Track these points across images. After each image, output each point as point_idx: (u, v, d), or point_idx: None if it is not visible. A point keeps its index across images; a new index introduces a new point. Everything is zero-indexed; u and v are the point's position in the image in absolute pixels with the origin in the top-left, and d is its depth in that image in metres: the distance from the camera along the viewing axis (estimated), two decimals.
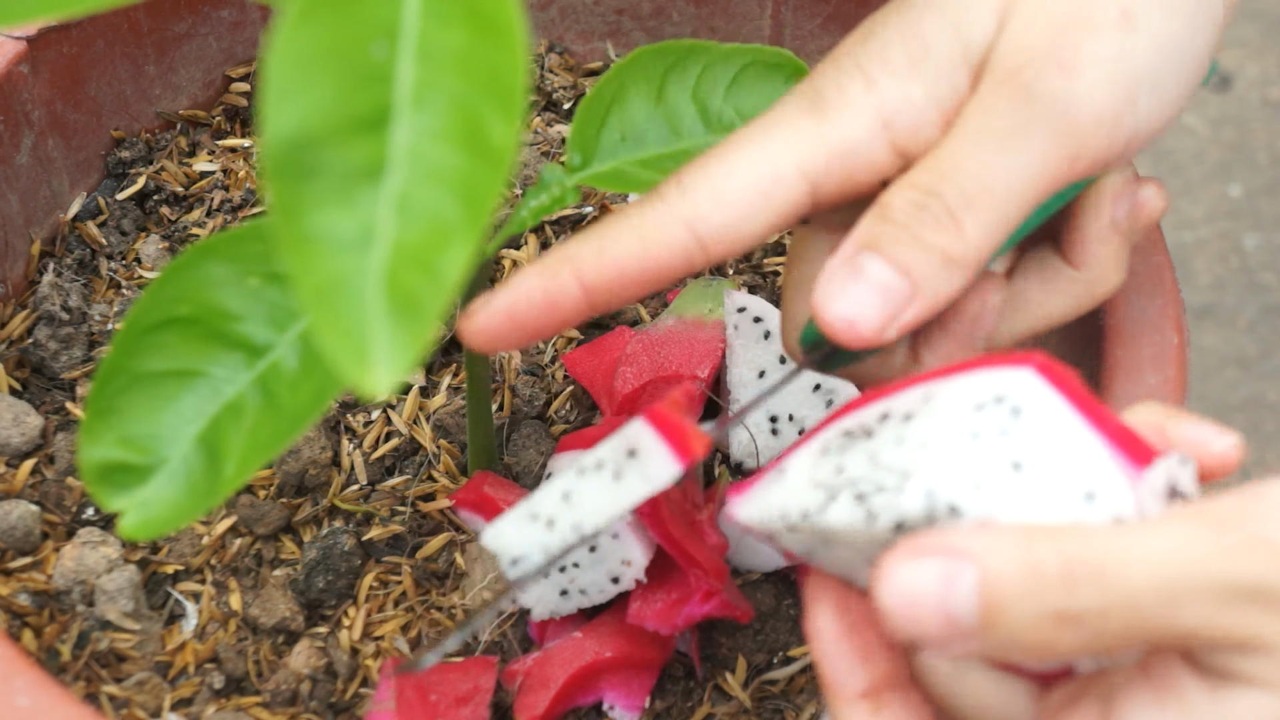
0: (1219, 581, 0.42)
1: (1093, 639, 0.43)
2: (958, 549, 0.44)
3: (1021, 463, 0.45)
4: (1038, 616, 0.43)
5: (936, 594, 0.44)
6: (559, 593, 0.63)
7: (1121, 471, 0.46)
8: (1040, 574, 0.43)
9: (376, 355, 0.36)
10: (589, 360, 0.71)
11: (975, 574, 0.43)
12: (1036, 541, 0.43)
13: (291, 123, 0.37)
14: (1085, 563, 0.43)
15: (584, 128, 0.59)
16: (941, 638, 0.44)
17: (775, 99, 0.61)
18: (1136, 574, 0.42)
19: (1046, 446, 0.46)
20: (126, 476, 0.51)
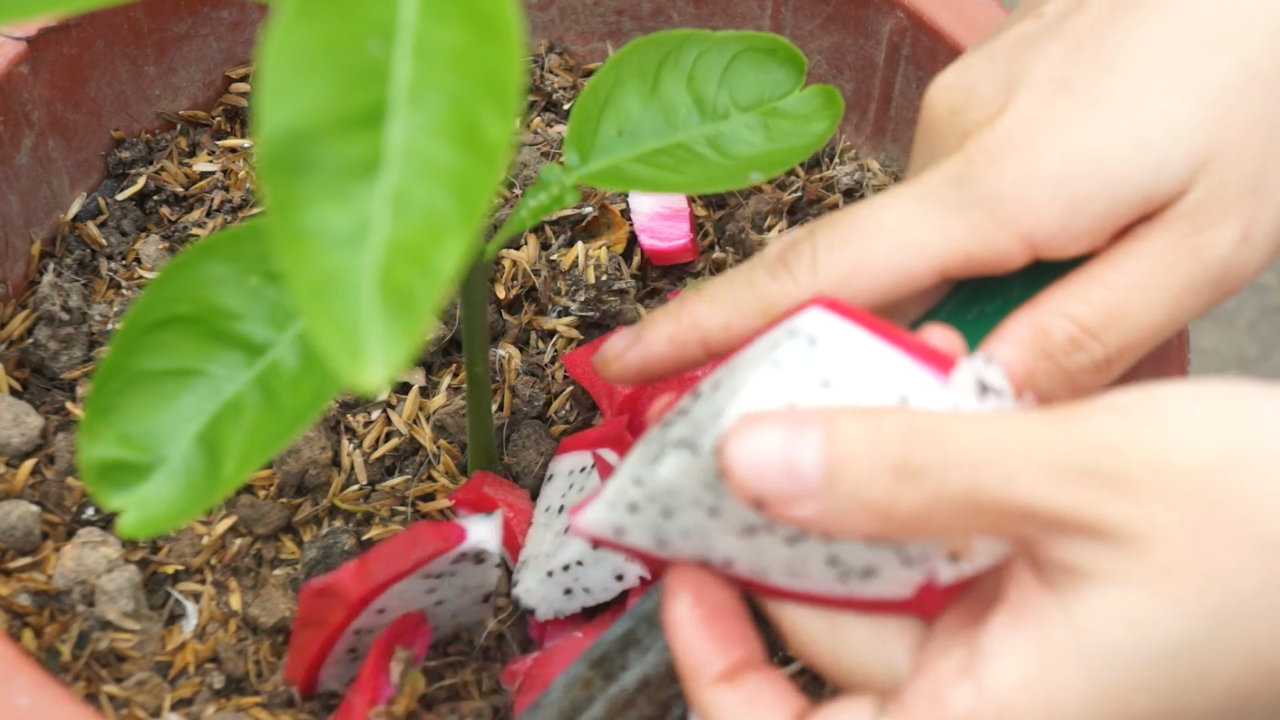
0: (1055, 457, 0.43)
1: (932, 499, 0.43)
2: (803, 416, 0.45)
3: (829, 379, 0.46)
4: (879, 469, 0.44)
5: (781, 451, 0.45)
6: (563, 592, 0.63)
7: (930, 375, 0.47)
8: (881, 431, 0.44)
9: (371, 351, 0.36)
10: (589, 361, 0.71)
11: (819, 432, 0.45)
12: (879, 411, 0.45)
13: (287, 119, 0.37)
14: (926, 424, 0.44)
15: (580, 125, 0.59)
16: (785, 495, 0.45)
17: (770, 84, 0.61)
18: (974, 439, 0.43)
19: (850, 363, 0.47)
20: (126, 475, 0.51)
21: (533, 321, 0.74)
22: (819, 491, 0.45)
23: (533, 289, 0.75)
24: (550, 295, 0.74)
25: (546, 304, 0.74)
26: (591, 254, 0.74)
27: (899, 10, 0.76)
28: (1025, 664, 0.44)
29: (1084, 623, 0.43)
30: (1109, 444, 0.43)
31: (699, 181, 0.59)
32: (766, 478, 0.45)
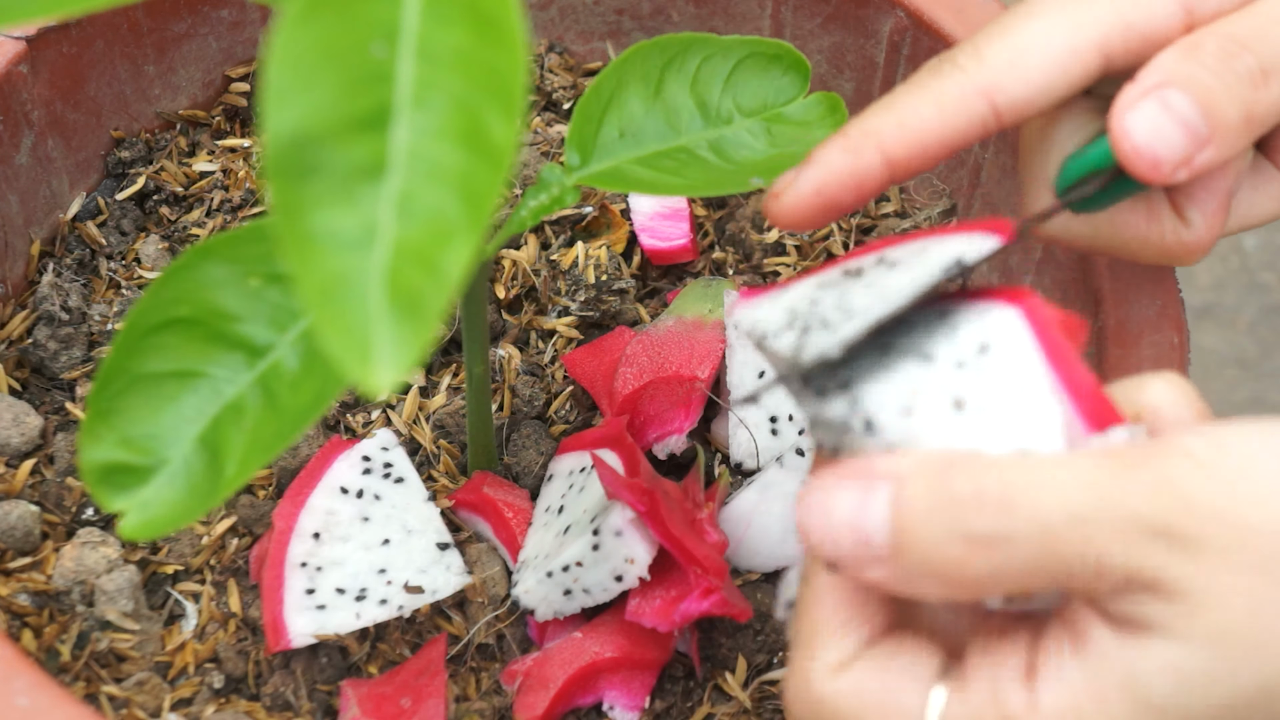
0: (1127, 515, 0.43)
1: (1001, 565, 0.43)
2: (877, 472, 0.45)
3: (965, 401, 0.46)
4: (947, 537, 0.44)
5: (851, 513, 0.45)
6: (563, 592, 0.63)
7: (1078, 425, 0.46)
8: (951, 495, 0.44)
9: (378, 354, 0.36)
10: (589, 361, 0.71)
11: (888, 494, 0.44)
12: (950, 467, 0.44)
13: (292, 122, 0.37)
14: (997, 486, 0.43)
15: (582, 126, 0.59)
16: (856, 558, 0.45)
17: (774, 91, 0.61)
18: (1045, 500, 0.43)
19: (996, 392, 0.46)
20: (127, 477, 0.50)
21: (533, 321, 0.74)
22: (888, 558, 0.45)
23: (533, 289, 0.75)
24: (550, 295, 0.74)
25: (546, 304, 0.74)
26: (591, 254, 0.74)
27: (899, 10, 0.76)
28: (1079, 694, 0.44)
29: (1140, 669, 0.44)
30: (1181, 499, 0.43)
31: (700, 184, 0.59)
32: (838, 544, 0.45)
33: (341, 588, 0.63)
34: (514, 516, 0.67)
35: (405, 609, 0.63)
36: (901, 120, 0.54)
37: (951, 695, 0.46)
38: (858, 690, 0.47)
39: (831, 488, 0.46)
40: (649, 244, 0.76)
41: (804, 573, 0.49)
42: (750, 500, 0.66)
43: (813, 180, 0.54)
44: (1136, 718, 0.44)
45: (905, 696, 0.46)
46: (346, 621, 0.63)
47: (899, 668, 0.47)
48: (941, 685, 0.46)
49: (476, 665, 0.65)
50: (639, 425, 0.69)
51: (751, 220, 0.78)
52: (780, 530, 0.66)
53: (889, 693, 0.46)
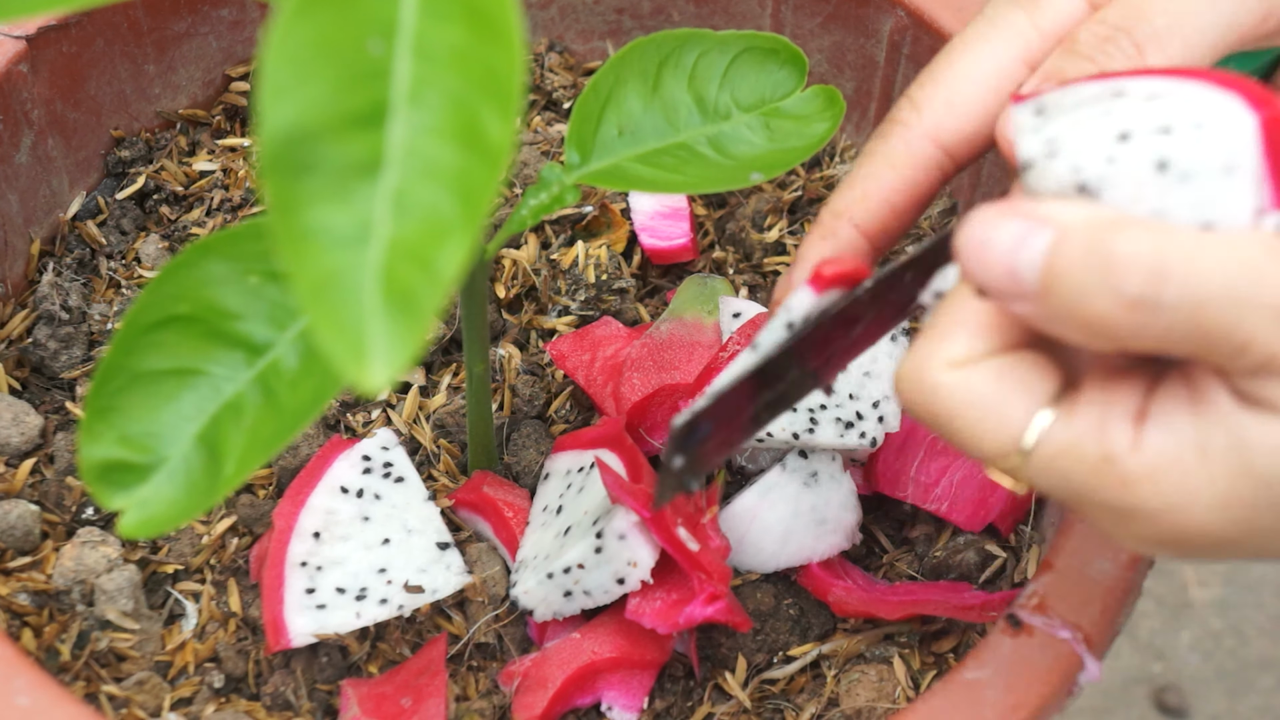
0: (1276, 300, 0.44)
1: (1145, 327, 0.45)
2: (1043, 216, 0.46)
3: (1168, 165, 0.46)
4: (1097, 292, 0.45)
5: (1008, 247, 0.46)
6: (563, 594, 0.63)
7: (1254, 218, 0.46)
8: (1109, 253, 0.45)
9: (373, 351, 0.36)
10: (574, 350, 0.71)
11: (1048, 240, 0.46)
12: (1116, 227, 0.45)
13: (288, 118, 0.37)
14: (1156, 253, 0.44)
15: (581, 125, 0.59)
16: (1004, 290, 0.47)
17: (771, 85, 0.61)
18: (1203, 275, 0.44)
19: (1202, 164, 0.46)
20: (126, 475, 0.50)
21: (533, 321, 0.74)
22: (1035, 297, 0.46)
23: (533, 288, 0.75)
24: (550, 294, 0.74)
25: (546, 303, 0.74)
26: (591, 253, 0.74)
27: (899, 9, 0.76)
28: (1185, 444, 0.46)
29: (1252, 437, 0.45)
30: None
31: (700, 181, 0.58)
32: (990, 272, 0.47)
33: (342, 587, 0.63)
34: (514, 516, 0.67)
35: (405, 608, 0.63)
36: (864, 191, 0.56)
37: (1058, 419, 0.47)
38: (968, 388, 0.48)
39: (995, 218, 0.47)
40: (649, 243, 0.76)
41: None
42: (751, 502, 0.66)
43: (804, 276, 0.55)
44: (1234, 480, 0.45)
45: (1012, 408, 0.48)
46: (346, 621, 0.63)
47: (1015, 379, 0.48)
48: (1050, 408, 0.48)
49: (476, 665, 0.65)
50: (646, 430, 0.69)
51: (752, 220, 0.78)
52: (781, 531, 0.66)
53: (998, 399, 0.48)
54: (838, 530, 0.66)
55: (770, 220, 0.78)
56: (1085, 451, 0.47)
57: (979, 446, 0.49)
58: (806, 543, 0.66)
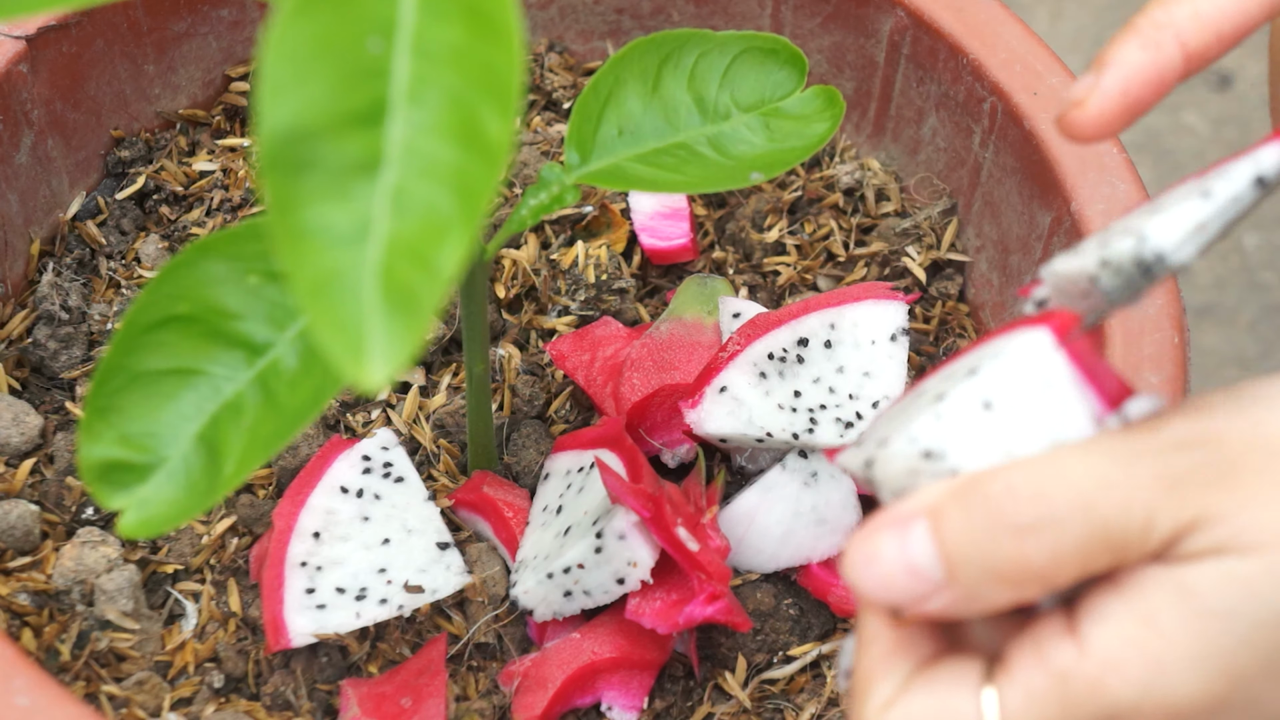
0: (1160, 469, 0.43)
1: (1056, 548, 0.44)
2: (902, 513, 0.45)
3: (992, 404, 0.46)
4: (994, 539, 0.44)
5: (896, 554, 0.45)
6: (563, 594, 0.63)
7: (1093, 422, 0.46)
8: (985, 502, 0.44)
9: (372, 349, 0.36)
10: (574, 350, 0.71)
11: (925, 525, 0.45)
12: (975, 481, 0.45)
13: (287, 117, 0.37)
14: (1024, 479, 0.44)
15: (580, 124, 0.59)
16: (914, 595, 0.45)
17: (771, 85, 0.61)
18: (1075, 477, 0.44)
19: (1021, 393, 0.46)
20: (126, 475, 0.50)
21: (533, 321, 0.74)
22: (946, 582, 0.45)
23: (533, 288, 0.75)
24: (550, 294, 0.74)
25: (546, 303, 0.74)
26: (591, 253, 0.74)
27: (899, 9, 0.76)
28: (1128, 623, 0.44)
29: (1193, 586, 0.43)
30: (1206, 437, 0.44)
31: (700, 181, 0.58)
32: (893, 587, 0.45)
33: (341, 587, 0.63)
34: (514, 516, 0.67)
35: (405, 608, 0.63)
36: (1197, 10, 0.51)
37: (1002, 688, 0.46)
38: (909, 715, 0.46)
39: (869, 538, 0.46)
40: (649, 243, 0.76)
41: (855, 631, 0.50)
42: (751, 501, 0.66)
43: (1117, 81, 0.51)
44: (1197, 632, 0.43)
45: (958, 704, 0.46)
46: (346, 621, 0.63)
47: (946, 681, 0.46)
48: (990, 686, 0.46)
49: (476, 665, 0.65)
50: (646, 430, 0.69)
51: (751, 220, 0.78)
52: (781, 532, 0.66)
53: (942, 707, 0.46)
54: (838, 530, 0.66)
55: (770, 220, 0.78)
56: (1041, 694, 0.45)
57: None
58: (806, 542, 0.66)
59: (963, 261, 0.77)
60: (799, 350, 0.68)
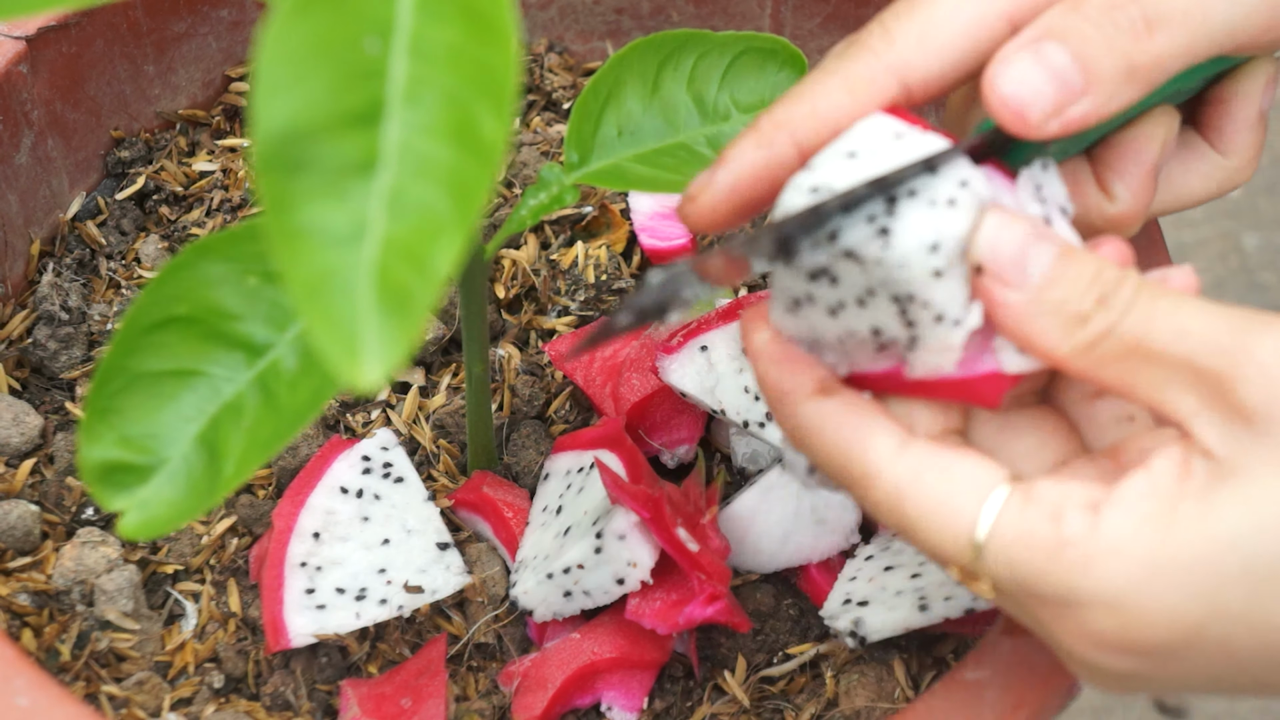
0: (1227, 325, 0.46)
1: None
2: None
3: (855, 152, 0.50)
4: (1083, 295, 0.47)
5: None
6: (562, 594, 0.63)
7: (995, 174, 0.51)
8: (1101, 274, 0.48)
9: (367, 349, 0.36)
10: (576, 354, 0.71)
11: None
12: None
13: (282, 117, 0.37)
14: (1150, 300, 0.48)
15: (580, 125, 0.59)
16: (1004, 273, 0.48)
17: (771, 86, 0.61)
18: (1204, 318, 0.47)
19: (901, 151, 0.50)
20: (126, 476, 0.50)
21: (532, 321, 0.74)
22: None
23: (532, 288, 0.75)
24: (550, 295, 0.74)
25: (546, 303, 0.74)
26: (591, 253, 0.74)
27: None
28: (1146, 519, 0.45)
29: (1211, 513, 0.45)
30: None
31: None
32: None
33: (341, 587, 0.63)
34: (514, 516, 0.67)
35: (405, 609, 0.63)
36: (814, 109, 0.52)
37: (1009, 507, 0.47)
38: (915, 477, 0.48)
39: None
40: (649, 243, 0.76)
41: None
42: (751, 502, 0.66)
43: (728, 180, 0.53)
44: (1201, 549, 0.45)
45: (962, 498, 0.48)
46: (346, 621, 0.63)
47: (961, 468, 0.48)
48: (1000, 496, 0.47)
49: (476, 665, 0.65)
50: (646, 430, 0.69)
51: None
52: (781, 532, 0.66)
53: (946, 488, 0.48)
54: (837, 530, 0.66)
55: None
56: (1040, 538, 0.46)
57: (931, 543, 0.48)
58: (806, 543, 0.66)
59: None
60: None
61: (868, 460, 0.49)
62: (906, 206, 0.48)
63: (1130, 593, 0.45)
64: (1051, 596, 0.46)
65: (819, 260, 0.49)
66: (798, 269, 0.50)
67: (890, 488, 0.49)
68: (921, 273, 0.48)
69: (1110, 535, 0.45)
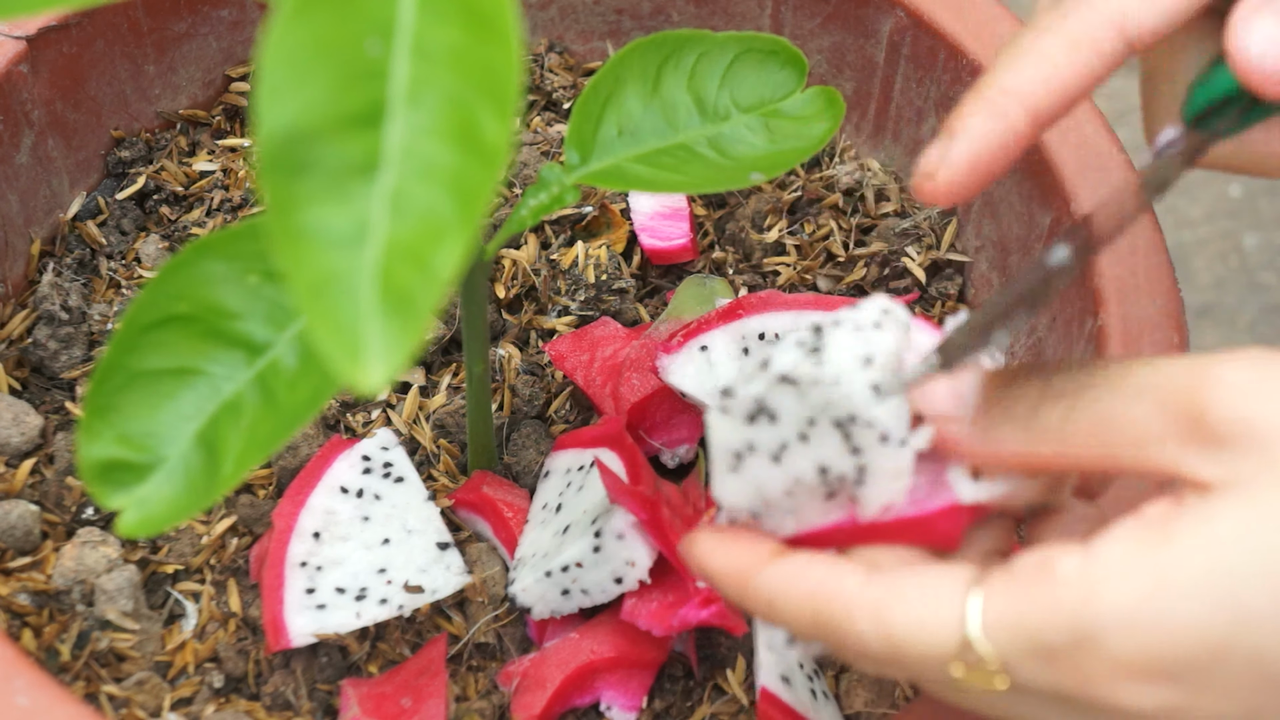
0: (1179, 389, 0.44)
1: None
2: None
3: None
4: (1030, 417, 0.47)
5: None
6: (560, 592, 0.63)
7: None
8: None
9: (369, 351, 0.36)
10: (573, 350, 0.71)
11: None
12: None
13: (285, 118, 0.37)
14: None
15: (581, 125, 0.59)
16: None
17: (771, 86, 0.61)
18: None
19: None
20: (125, 474, 0.50)
21: (533, 321, 0.74)
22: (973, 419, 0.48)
23: (533, 288, 0.75)
24: (550, 295, 0.74)
25: (546, 303, 0.74)
26: (591, 253, 0.74)
27: (899, 9, 0.76)
28: (1141, 541, 0.43)
29: (1211, 520, 0.43)
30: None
31: (700, 181, 0.59)
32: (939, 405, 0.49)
33: (341, 587, 0.63)
34: (514, 516, 0.67)
35: (405, 608, 0.63)
36: (1043, 75, 0.51)
37: (991, 588, 0.45)
38: (892, 589, 0.47)
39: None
40: (649, 243, 0.76)
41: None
42: None
43: (965, 153, 0.51)
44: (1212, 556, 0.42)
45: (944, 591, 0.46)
46: (346, 621, 0.63)
47: (934, 569, 0.47)
48: (978, 589, 0.45)
49: (476, 665, 0.65)
50: (646, 430, 0.69)
51: (751, 220, 0.78)
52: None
53: (926, 588, 0.46)
54: None
55: (770, 220, 0.78)
56: (1035, 592, 0.44)
57: (926, 651, 0.46)
58: None
59: (962, 262, 0.77)
60: None
61: (841, 598, 0.47)
62: (833, 332, 0.49)
63: (1143, 609, 0.42)
64: (1063, 644, 0.43)
65: (755, 390, 0.49)
66: (735, 414, 0.50)
67: (870, 612, 0.46)
68: (859, 388, 0.48)
69: (1107, 562, 0.43)
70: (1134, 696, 0.43)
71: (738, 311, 0.68)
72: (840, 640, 0.47)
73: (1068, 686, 0.44)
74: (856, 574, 0.47)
